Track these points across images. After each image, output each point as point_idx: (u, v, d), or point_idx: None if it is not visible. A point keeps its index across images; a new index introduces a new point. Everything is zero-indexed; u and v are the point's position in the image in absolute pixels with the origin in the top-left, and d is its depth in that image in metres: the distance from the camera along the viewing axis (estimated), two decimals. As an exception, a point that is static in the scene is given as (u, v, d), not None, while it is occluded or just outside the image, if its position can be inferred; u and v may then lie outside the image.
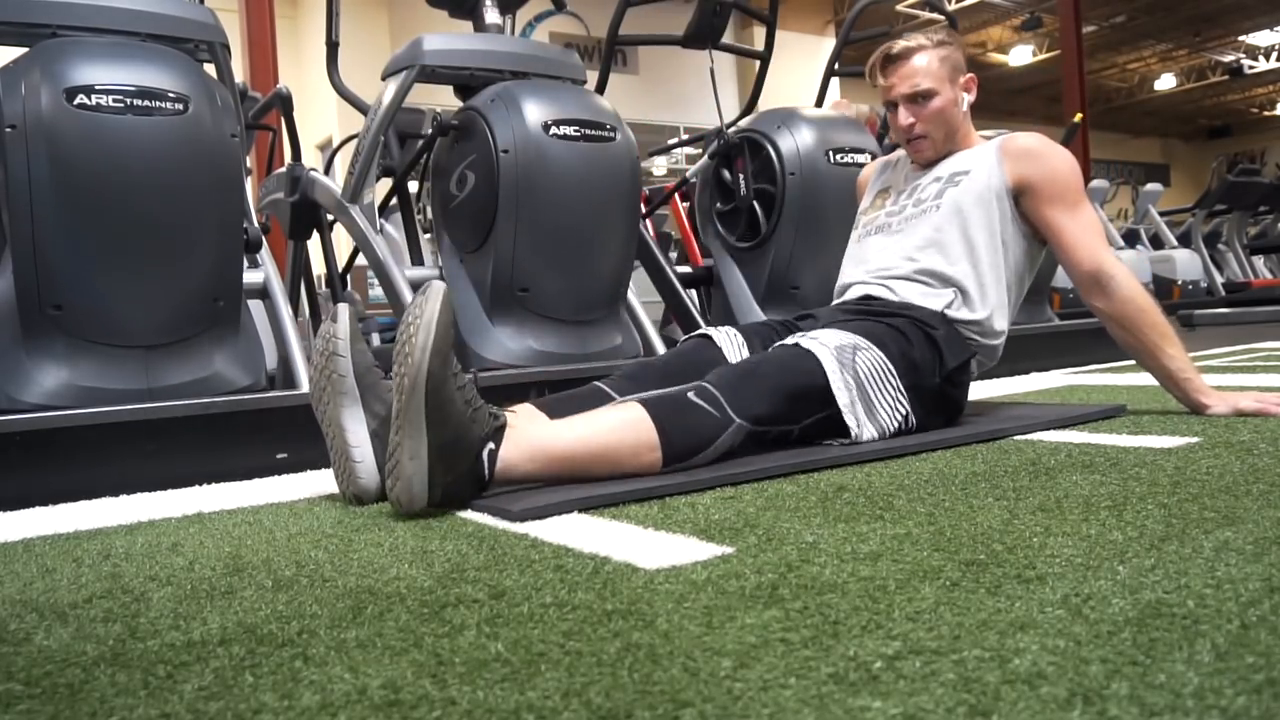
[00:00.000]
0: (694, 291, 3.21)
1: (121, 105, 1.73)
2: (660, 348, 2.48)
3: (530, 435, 1.34)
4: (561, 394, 1.59)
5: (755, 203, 3.02)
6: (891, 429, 1.61)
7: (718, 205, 3.18)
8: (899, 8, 15.08)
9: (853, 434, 1.56)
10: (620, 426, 1.39)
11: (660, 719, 0.59)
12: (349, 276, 3.87)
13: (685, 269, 3.23)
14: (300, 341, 2.16)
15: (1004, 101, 18.88)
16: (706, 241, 3.27)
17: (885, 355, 1.63)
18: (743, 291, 3.07)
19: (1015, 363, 3.08)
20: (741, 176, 3.06)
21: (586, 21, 3.50)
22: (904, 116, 1.87)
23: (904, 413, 1.63)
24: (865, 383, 1.59)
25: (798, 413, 1.54)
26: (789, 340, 1.64)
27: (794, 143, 2.94)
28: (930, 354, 1.68)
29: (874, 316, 1.73)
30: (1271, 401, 1.72)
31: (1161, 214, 8.88)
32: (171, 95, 1.78)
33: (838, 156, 2.94)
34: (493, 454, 1.29)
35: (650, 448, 1.39)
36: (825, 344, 1.59)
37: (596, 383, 1.62)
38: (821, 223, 2.90)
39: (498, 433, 1.30)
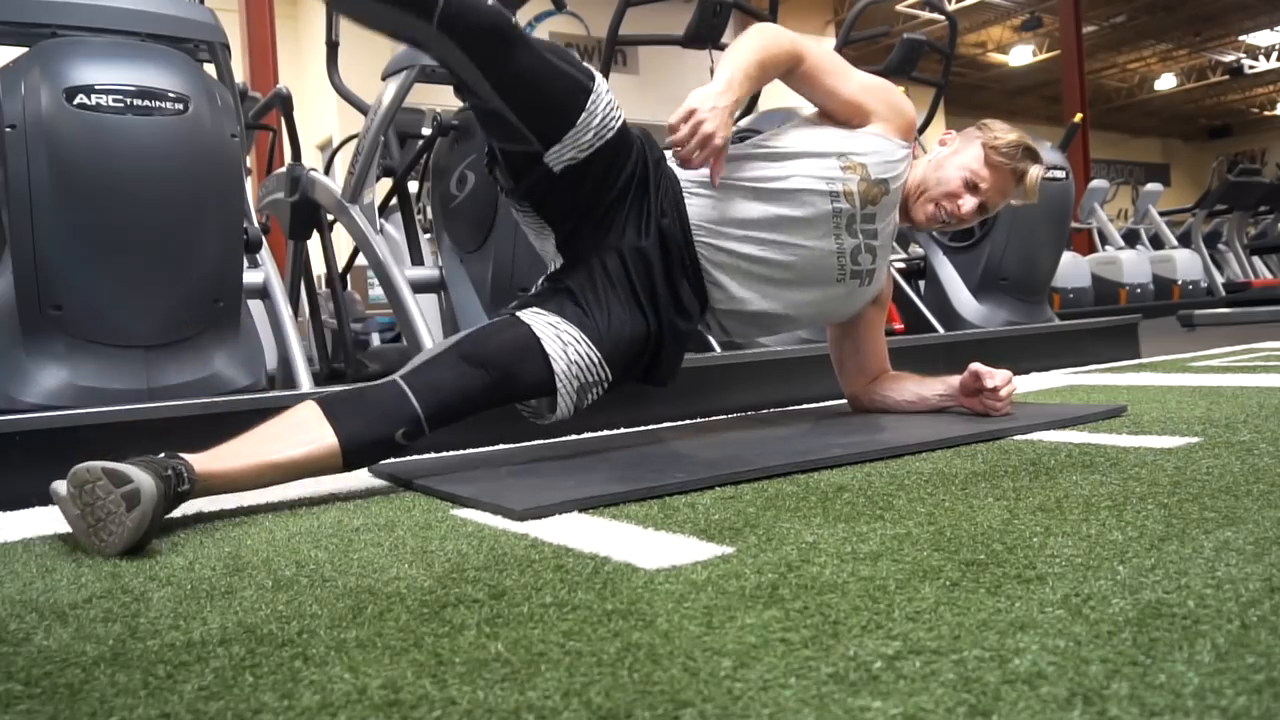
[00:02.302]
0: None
1: (121, 105, 1.73)
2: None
3: (206, 469, 1.30)
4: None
5: None
6: None
7: None
8: (899, 8, 15.08)
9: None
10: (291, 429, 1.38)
11: (660, 719, 0.59)
12: (349, 276, 3.88)
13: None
14: (300, 341, 2.16)
15: (1004, 101, 18.89)
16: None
17: None
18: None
19: (1015, 362, 3.07)
20: None
21: (586, 21, 3.52)
22: (968, 206, 1.82)
23: None
24: None
25: None
26: None
27: None
28: None
29: None
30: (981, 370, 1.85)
31: (1161, 214, 8.89)
32: (171, 95, 1.78)
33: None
34: (189, 478, 1.26)
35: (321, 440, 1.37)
36: None
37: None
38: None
39: (181, 475, 1.26)
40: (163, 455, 1.27)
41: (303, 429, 1.38)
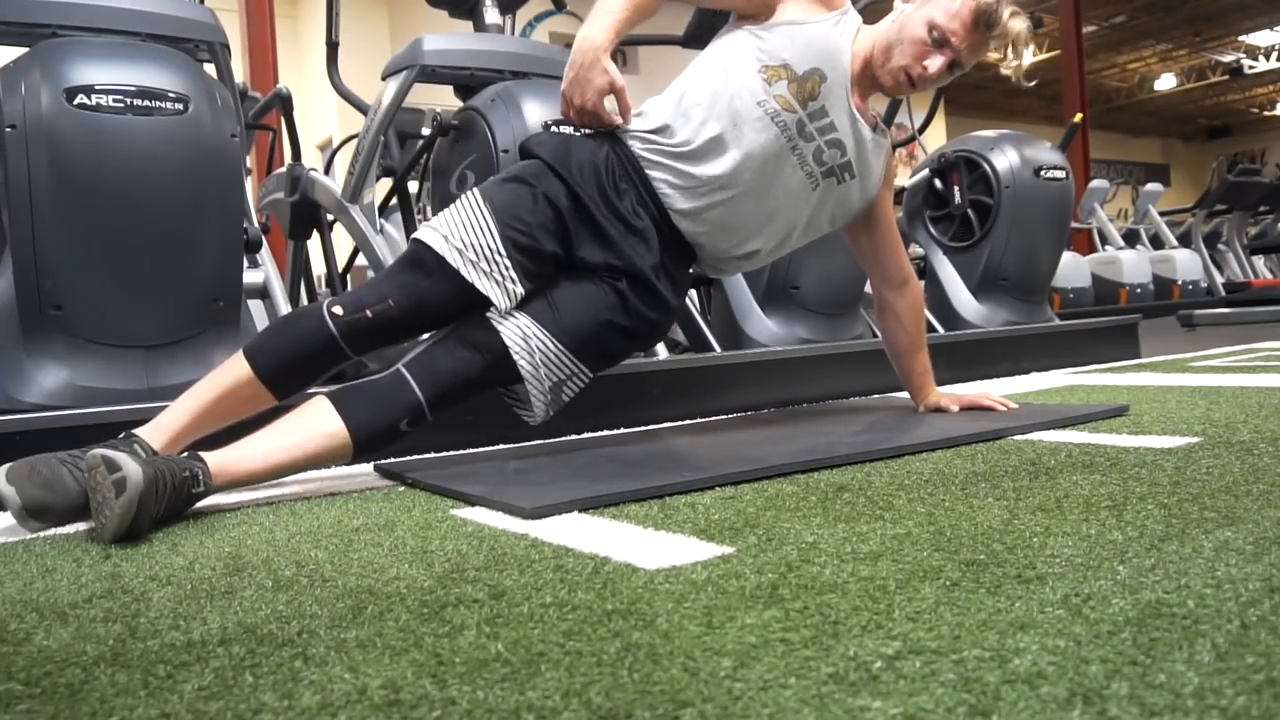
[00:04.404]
0: (693, 291, 3.22)
1: (121, 105, 1.73)
2: (659, 349, 2.48)
3: (223, 466, 1.36)
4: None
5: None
6: None
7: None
8: (899, 8, 15.04)
9: None
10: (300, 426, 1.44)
11: (660, 719, 0.59)
12: (349, 276, 3.87)
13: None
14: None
15: (1004, 101, 18.87)
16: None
17: None
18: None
19: (1015, 363, 3.08)
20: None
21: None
22: (935, 67, 1.66)
23: None
24: None
25: None
26: None
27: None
28: None
29: None
30: (991, 398, 1.91)
31: (1161, 214, 8.89)
32: (171, 95, 1.78)
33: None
34: (204, 481, 1.32)
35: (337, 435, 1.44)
36: None
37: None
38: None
39: (197, 478, 1.32)
40: (184, 454, 1.34)
41: (316, 424, 1.45)
